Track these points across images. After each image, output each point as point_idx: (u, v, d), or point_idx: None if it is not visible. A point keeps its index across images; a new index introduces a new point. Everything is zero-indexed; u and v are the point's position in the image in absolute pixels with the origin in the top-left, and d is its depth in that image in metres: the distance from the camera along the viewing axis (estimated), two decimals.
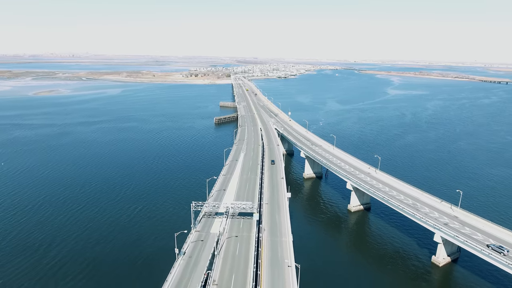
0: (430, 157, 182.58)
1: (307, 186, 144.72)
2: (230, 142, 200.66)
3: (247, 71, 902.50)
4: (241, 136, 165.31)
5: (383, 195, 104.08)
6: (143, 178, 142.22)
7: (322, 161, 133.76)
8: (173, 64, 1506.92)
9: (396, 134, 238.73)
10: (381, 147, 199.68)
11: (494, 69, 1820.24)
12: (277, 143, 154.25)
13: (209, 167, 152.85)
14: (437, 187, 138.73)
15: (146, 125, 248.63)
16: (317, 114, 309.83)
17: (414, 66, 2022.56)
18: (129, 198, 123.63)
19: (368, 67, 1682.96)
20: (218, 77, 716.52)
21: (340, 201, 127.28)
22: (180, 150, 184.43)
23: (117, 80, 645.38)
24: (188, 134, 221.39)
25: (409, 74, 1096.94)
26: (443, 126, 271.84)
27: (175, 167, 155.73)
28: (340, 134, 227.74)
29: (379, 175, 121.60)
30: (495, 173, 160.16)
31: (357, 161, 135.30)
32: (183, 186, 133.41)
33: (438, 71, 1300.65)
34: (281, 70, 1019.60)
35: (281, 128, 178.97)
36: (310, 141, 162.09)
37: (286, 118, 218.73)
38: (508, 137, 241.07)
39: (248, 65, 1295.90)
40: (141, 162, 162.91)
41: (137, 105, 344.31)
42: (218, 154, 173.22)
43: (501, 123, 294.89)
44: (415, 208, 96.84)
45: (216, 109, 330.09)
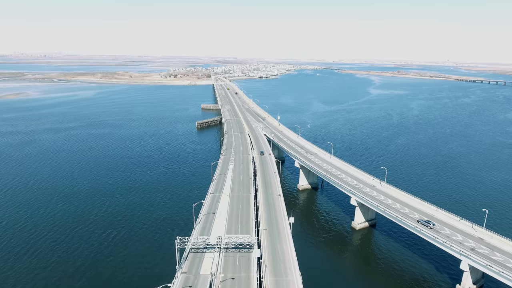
0: (428, 163, 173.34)
1: (303, 199, 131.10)
2: (215, 149, 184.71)
3: (227, 71, 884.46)
4: (228, 144, 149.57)
5: (395, 214, 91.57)
6: (116, 201, 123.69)
7: (321, 173, 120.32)
8: (151, 64, 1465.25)
9: (387, 136, 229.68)
10: (375, 152, 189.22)
11: (465, 68, 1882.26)
12: (268, 152, 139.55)
13: (194, 183, 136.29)
14: (442, 199, 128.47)
15: (121, 131, 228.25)
16: (304, 116, 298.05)
17: (391, 65, 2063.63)
18: (97, 226, 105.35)
19: (347, 66, 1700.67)
20: (198, 77, 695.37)
21: (342, 217, 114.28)
22: (160, 161, 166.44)
23: (91, 82, 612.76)
24: (169, 141, 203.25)
25: (387, 74, 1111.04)
26: (432, 127, 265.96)
27: (155, 184, 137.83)
28: (330, 137, 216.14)
29: (385, 188, 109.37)
30: (500, 180, 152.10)
31: (358, 172, 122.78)
32: (165, 209, 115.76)
33: (415, 70, 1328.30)
34: (262, 70, 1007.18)
35: (271, 134, 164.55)
36: (304, 148, 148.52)
37: (275, 122, 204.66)
38: (498, 137, 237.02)
39: (228, 65, 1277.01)
40: (114, 178, 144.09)
41: (112, 109, 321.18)
42: (203, 165, 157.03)
43: (487, 122, 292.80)
44: (434, 230, 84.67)
45: (197, 112, 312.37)
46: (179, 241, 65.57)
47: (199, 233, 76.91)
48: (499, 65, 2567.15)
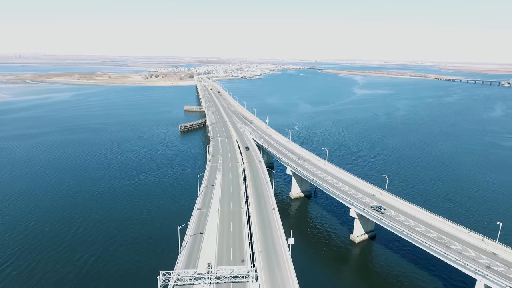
0: (421, 165, 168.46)
1: (297, 208, 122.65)
2: (200, 155, 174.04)
3: (210, 71, 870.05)
4: (214, 151, 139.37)
5: (401, 228, 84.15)
6: (92, 218, 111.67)
7: (317, 182, 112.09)
8: (132, 64, 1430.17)
9: (377, 138, 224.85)
10: (367, 155, 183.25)
11: (443, 67, 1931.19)
12: (258, 159, 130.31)
13: (178, 196, 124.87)
14: (439, 204, 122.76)
15: (99, 136, 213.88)
16: (290, 117, 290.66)
17: (372, 65, 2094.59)
18: (66, 251, 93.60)
19: (330, 66, 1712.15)
20: (180, 78, 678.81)
21: (339, 229, 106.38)
22: (140, 170, 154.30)
23: (68, 83, 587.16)
24: (150, 147, 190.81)
25: (370, 73, 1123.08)
26: (420, 128, 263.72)
27: (134, 197, 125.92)
28: (320, 140, 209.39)
29: (386, 197, 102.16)
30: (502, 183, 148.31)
31: (355, 179, 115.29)
32: (145, 228, 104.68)
33: (395, 70, 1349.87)
34: (245, 70, 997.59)
35: (260, 139, 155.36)
36: (295, 154, 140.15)
37: (263, 125, 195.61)
38: (485, 137, 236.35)
39: (211, 65, 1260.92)
40: (91, 192, 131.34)
41: (90, 112, 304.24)
42: (188, 173, 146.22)
43: (473, 122, 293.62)
44: (445, 245, 77.67)
45: (180, 114, 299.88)
46: (162, 277, 55.42)
47: (185, 261, 66.88)
48: (474, 64, 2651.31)
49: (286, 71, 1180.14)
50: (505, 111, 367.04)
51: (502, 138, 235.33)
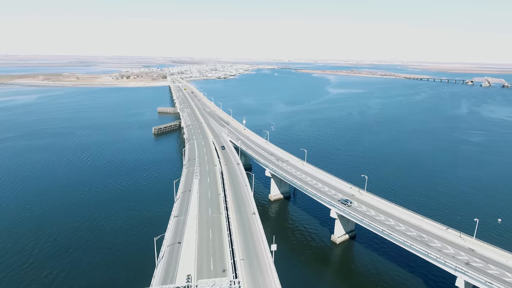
0: (395, 163, 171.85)
1: (277, 210, 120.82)
2: (176, 159, 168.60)
3: (184, 71, 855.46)
4: (190, 154, 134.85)
5: (382, 228, 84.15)
6: (59, 228, 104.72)
7: (297, 184, 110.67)
8: (101, 65, 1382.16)
9: (352, 137, 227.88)
10: (344, 154, 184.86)
11: (411, 66, 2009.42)
12: (236, 162, 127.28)
13: (154, 203, 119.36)
14: (414, 201, 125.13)
15: (67, 141, 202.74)
16: (267, 118, 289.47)
17: (344, 64, 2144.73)
18: (37, 267, 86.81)
19: (303, 66, 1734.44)
20: (153, 78, 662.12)
21: (320, 230, 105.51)
22: (112, 176, 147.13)
23: (32, 85, 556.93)
24: (122, 151, 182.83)
25: (342, 73, 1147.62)
26: (393, 125, 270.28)
27: (106, 205, 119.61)
28: (297, 140, 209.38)
29: (366, 197, 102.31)
30: (477, 180, 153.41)
31: (334, 179, 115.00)
32: (118, 238, 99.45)
33: (366, 69, 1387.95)
34: (219, 70, 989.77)
35: (238, 141, 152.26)
36: (274, 155, 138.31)
37: (240, 126, 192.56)
38: (454, 134, 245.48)
39: (184, 65, 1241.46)
40: (58, 202, 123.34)
41: (56, 115, 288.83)
42: (164, 179, 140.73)
43: (441, 119, 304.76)
44: (425, 244, 78.25)
45: (153, 116, 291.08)
46: None
47: (163, 274, 63.02)
48: (439, 63, 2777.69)
49: (260, 71, 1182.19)
50: (469, 108, 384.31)
51: (469, 134, 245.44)
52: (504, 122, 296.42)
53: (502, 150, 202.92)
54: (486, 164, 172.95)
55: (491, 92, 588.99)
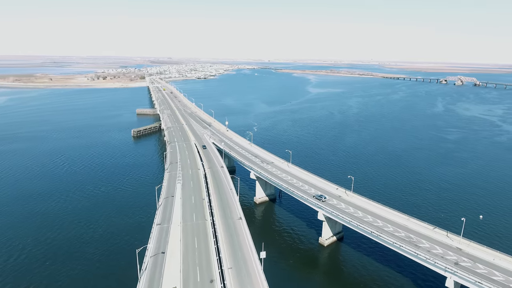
0: (377, 161, 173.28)
1: (262, 213, 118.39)
2: (157, 163, 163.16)
3: (163, 72, 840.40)
4: (172, 157, 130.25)
5: (371, 230, 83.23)
6: (35, 242, 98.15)
7: (283, 186, 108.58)
8: (76, 65, 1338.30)
9: (335, 136, 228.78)
10: (326, 153, 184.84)
11: (387, 66, 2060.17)
12: (220, 165, 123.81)
13: (135, 210, 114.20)
14: (401, 199, 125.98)
15: (40, 145, 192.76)
16: (248, 118, 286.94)
17: (323, 64, 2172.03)
18: (9, 284, 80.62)
19: (283, 66, 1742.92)
20: (130, 79, 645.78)
21: (307, 232, 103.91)
22: (91, 181, 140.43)
23: (2, 86, 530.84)
24: (99, 156, 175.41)
25: (321, 72, 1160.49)
26: (373, 124, 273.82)
27: (83, 215, 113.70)
28: (279, 141, 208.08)
29: (353, 197, 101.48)
30: (457, 178, 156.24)
31: (320, 180, 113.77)
32: (101, 252, 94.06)
33: (345, 69, 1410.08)
34: (199, 70, 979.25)
35: (221, 143, 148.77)
36: (258, 157, 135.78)
37: (222, 127, 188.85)
38: (431, 131, 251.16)
39: (163, 65, 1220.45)
40: (32, 210, 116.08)
41: (28, 118, 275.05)
42: (145, 184, 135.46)
43: (419, 117, 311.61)
44: (414, 245, 77.82)
45: (132, 118, 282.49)
46: None
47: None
48: (414, 63, 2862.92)
49: (241, 71, 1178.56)
50: (445, 106, 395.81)
51: (447, 132, 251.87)
52: (478, 120, 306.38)
53: (477, 147, 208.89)
54: (463, 161, 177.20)
55: (464, 90, 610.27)
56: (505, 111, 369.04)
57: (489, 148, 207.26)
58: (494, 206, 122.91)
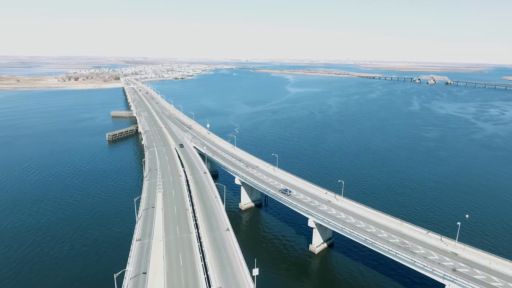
0: (360, 161, 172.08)
1: (248, 220, 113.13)
2: (134, 169, 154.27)
3: (138, 72, 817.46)
4: (151, 164, 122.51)
5: (365, 236, 79.79)
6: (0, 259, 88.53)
7: (270, 192, 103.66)
8: (45, 66, 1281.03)
9: (317, 136, 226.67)
10: (310, 154, 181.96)
11: (363, 65, 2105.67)
12: (203, 170, 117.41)
13: (112, 223, 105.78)
14: (386, 200, 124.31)
15: (5, 153, 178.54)
16: (229, 119, 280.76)
17: (300, 64, 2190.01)
18: None
19: (261, 65, 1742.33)
20: (104, 80, 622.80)
21: (297, 239, 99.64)
22: (63, 191, 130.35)
23: None
24: (73, 162, 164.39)
25: (299, 72, 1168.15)
26: (354, 124, 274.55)
27: (57, 231, 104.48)
28: (262, 143, 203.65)
29: (343, 202, 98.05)
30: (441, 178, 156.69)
31: (307, 184, 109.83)
32: (74, 274, 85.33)
33: (322, 69, 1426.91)
34: (176, 70, 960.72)
35: (203, 147, 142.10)
36: (243, 161, 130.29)
37: (203, 130, 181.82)
38: (411, 130, 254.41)
39: (138, 65, 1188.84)
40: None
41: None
42: (122, 193, 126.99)
43: (397, 116, 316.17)
44: (409, 251, 74.98)
45: (107, 121, 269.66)
46: None
47: None
48: (388, 62, 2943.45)
49: (219, 71, 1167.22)
50: (421, 104, 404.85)
51: (426, 130, 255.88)
52: (453, 118, 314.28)
53: (456, 145, 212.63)
54: (444, 159, 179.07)
55: (437, 89, 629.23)
56: (477, 108, 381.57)
57: (467, 145, 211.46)
58: (479, 205, 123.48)
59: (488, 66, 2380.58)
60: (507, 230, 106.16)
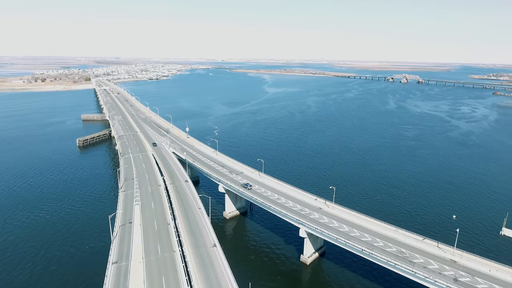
0: (343, 162, 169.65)
1: (234, 230, 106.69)
2: (108, 178, 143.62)
3: (110, 73, 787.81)
4: (127, 173, 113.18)
5: (361, 247, 75.39)
6: None
7: (257, 200, 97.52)
8: (9, 66, 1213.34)
9: (299, 137, 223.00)
10: (292, 155, 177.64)
11: (337, 65, 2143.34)
12: (184, 179, 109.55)
13: (84, 241, 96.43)
14: (371, 204, 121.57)
15: None
16: (208, 121, 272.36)
17: (276, 64, 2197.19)
18: None
19: (237, 65, 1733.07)
20: (74, 81, 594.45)
21: (287, 250, 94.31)
22: (27, 204, 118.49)
23: None
24: (39, 171, 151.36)
25: (276, 72, 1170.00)
26: (334, 123, 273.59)
27: (20, 251, 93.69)
28: (244, 145, 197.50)
29: (334, 209, 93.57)
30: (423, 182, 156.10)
31: (295, 190, 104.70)
32: None
33: (298, 68, 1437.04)
34: (151, 71, 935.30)
35: (183, 153, 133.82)
36: (226, 167, 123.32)
37: (182, 134, 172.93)
38: (390, 129, 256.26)
39: (110, 66, 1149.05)
40: None
41: None
42: (95, 206, 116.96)
43: (375, 115, 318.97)
44: (408, 261, 71.26)
45: (77, 125, 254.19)
46: None
47: None
48: (361, 62, 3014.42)
49: (194, 71, 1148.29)
50: (397, 103, 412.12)
51: (404, 129, 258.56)
52: (428, 116, 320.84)
53: (435, 143, 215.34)
54: (425, 158, 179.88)
55: (410, 87, 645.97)
56: (450, 106, 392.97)
57: (446, 144, 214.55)
58: (465, 204, 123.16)
59: (454, 65, 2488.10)
60: (494, 228, 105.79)
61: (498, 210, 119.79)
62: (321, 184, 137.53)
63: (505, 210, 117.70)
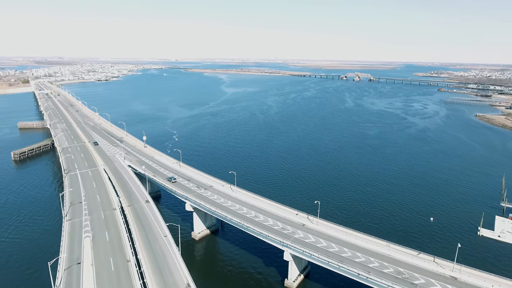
0: (313, 165, 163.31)
1: (205, 254, 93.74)
2: (51, 200, 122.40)
3: (53, 74, 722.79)
4: (73, 196, 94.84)
5: (358, 271, 66.76)
6: None
7: (232, 220, 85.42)
8: None
9: (263, 140, 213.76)
10: (263, 163, 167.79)
11: (291, 64, 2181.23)
12: (145, 199, 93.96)
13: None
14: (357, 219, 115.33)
15: None
16: (166, 125, 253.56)
17: (231, 63, 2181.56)
18: None
19: (192, 65, 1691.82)
20: (10, 84, 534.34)
21: (268, 273, 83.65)
22: None
23: None
24: None
25: (232, 71, 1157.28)
26: (297, 123, 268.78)
27: None
28: (208, 152, 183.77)
29: (317, 224, 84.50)
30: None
31: (274, 205, 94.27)
32: None
33: (254, 68, 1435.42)
34: (99, 71, 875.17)
35: (141, 166, 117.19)
36: (192, 180, 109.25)
37: (138, 143, 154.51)
38: (353, 128, 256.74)
39: (53, 66, 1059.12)
40: None
41: None
42: (33, 237, 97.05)
43: (336, 114, 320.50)
44: (409, 283, 63.94)
45: (13, 134, 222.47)
46: None
47: None
48: (314, 61, 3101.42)
49: (147, 71, 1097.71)
50: (354, 101, 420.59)
51: (365, 127, 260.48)
52: (386, 113, 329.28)
53: (397, 141, 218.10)
54: (391, 157, 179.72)
55: (363, 85, 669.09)
56: (403, 103, 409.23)
57: (407, 141, 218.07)
58: (438, 204, 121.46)
59: (398, 64, 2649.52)
60: (471, 228, 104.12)
61: (471, 207, 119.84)
62: (295, 193, 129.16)
63: (477, 207, 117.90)
